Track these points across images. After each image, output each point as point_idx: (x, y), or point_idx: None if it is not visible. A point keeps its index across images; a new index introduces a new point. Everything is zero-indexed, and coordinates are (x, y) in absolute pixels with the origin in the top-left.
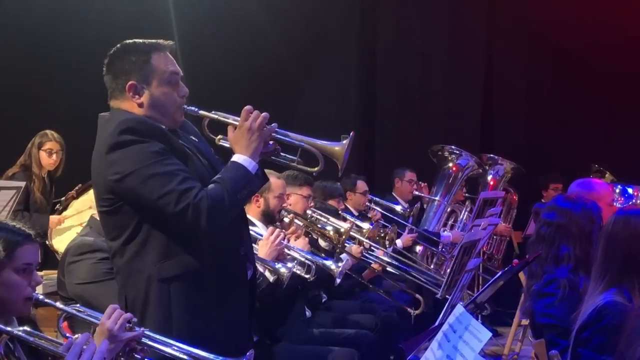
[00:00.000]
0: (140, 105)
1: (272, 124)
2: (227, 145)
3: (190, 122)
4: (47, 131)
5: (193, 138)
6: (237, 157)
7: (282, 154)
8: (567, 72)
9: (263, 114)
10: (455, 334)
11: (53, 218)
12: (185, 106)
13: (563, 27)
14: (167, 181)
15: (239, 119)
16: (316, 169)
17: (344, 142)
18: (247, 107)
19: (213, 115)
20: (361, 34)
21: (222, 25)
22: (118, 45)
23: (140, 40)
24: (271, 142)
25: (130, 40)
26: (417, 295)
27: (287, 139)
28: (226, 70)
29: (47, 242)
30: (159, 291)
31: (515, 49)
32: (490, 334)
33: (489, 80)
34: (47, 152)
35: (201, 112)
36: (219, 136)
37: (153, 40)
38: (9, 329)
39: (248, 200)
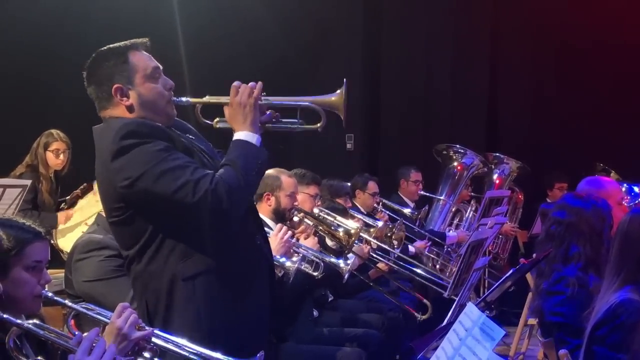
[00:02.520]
0: (130, 107)
1: (257, 84)
2: (226, 126)
3: (183, 121)
4: (53, 131)
5: (190, 137)
6: (238, 135)
7: (282, 119)
8: (572, 71)
9: (250, 84)
10: (468, 332)
11: (61, 214)
12: (175, 98)
13: (568, 26)
14: (180, 174)
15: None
16: (319, 124)
17: (339, 90)
18: (235, 82)
19: (205, 99)
20: (366, 35)
21: (227, 26)
22: (93, 55)
23: (114, 44)
24: (268, 112)
25: (104, 47)
26: (425, 300)
27: (283, 102)
28: (231, 71)
29: (52, 242)
30: (185, 290)
31: (520, 48)
32: (503, 332)
33: (494, 80)
34: (54, 153)
35: (192, 100)
36: (216, 119)
37: (127, 41)
38: (19, 321)
39: (263, 172)
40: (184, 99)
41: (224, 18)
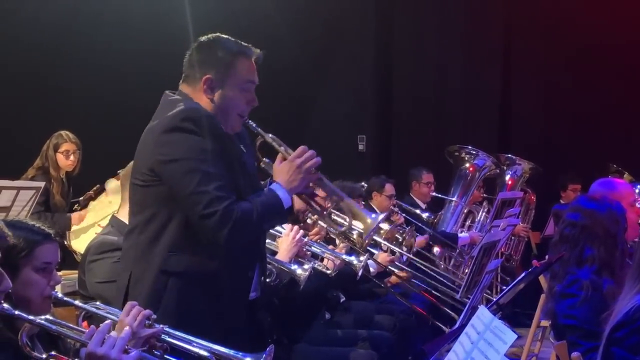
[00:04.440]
0: (211, 101)
1: (318, 172)
2: (268, 170)
3: (245, 132)
4: (62, 132)
5: (242, 148)
6: (277, 188)
7: (312, 202)
8: (585, 71)
9: (316, 158)
10: (479, 335)
11: (74, 215)
12: (246, 118)
13: (580, 25)
14: (206, 181)
15: (291, 151)
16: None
17: (379, 217)
18: (303, 146)
19: (268, 137)
20: (377, 35)
21: (238, 26)
22: (210, 36)
23: (234, 40)
24: (310, 187)
25: (225, 36)
26: (452, 314)
27: (328, 189)
28: None
29: (65, 243)
30: (158, 282)
31: (532, 48)
32: (515, 336)
33: (506, 80)
34: (64, 154)
35: (259, 130)
36: (265, 159)
37: (244, 44)
38: (31, 317)
39: (269, 229)
40: (253, 124)
41: (235, 18)
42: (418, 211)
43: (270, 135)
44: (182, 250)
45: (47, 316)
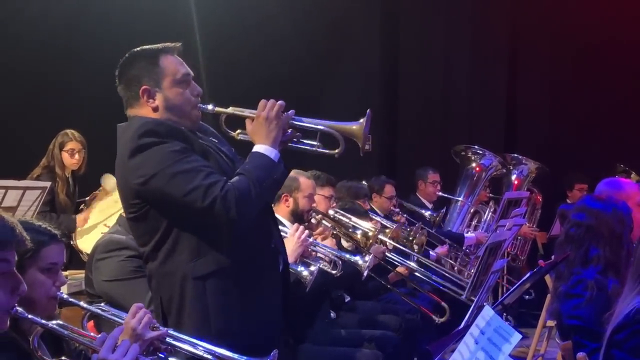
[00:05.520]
0: (156, 109)
1: (289, 111)
2: (247, 138)
3: (207, 125)
4: (68, 131)
5: (213, 139)
6: (258, 147)
7: (302, 140)
8: (591, 71)
9: (279, 102)
10: (484, 336)
11: (79, 217)
12: (201, 105)
13: (587, 25)
14: (192, 178)
15: (254, 111)
16: (337, 151)
17: (362, 120)
18: (263, 99)
19: (229, 110)
20: (383, 35)
21: (244, 26)
22: (126, 55)
23: (147, 46)
24: (290, 130)
25: (138, 48)
26: (443, 303)
27: (305, 124)
28: (248, 71)
29: (71, 243)
30: (195, 289)
31: (539, 48)
32: (520, 336)
33: (512, 80)
34: (69, 153)
35: (217, 108)
36: (238, 130)
37: (160, 44)
38: (43, 321)
39: (276, 188)
40: (209, 106)
41: (241, 18)
42: (427, 213)
43: (230, 108)
44: (203, 253)
45: (59, 321)
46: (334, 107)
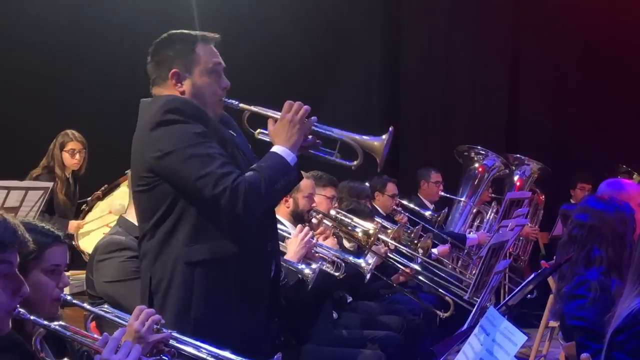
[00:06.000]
0: (182, 93)
1: (312, 117)
2: (266, 138)
3: (230, 117)
4: (68, 131)
5: (232, 132)
6: (276, 148)
7: (321, 147)
8: (594, 70)
9: (304, 106)
10: (489, 337)
11: (72, 223)
12: (225, 99)
13: (590, 25)
14: (207, 163)
15: (278, 113)
16: (355, 163)
17: (384, 137)
18: (289, 101)
19: (253, 108)
20: (385, 35)
21: (246, 28)
22: (165, 35)
23: (187, 31)
24: (310, 136)
25: (177, 31)
26: (447, 298)
27: (327, 132)
28: (250, 73)
29: (73, 243)
30: (184, 274)
31: (541, 48)
32: (525, 337)
33: (515, 80)
34: (70, 153)
35: (241, 105)
36: (258, 130)
37: (199, 32)
38: (46, 322)
39: (286, 191)
40: (234, 101)
41: (243, 19)
42: (427, 213)
43: (253, 106)
44: (201, 240)
45: (61, 322)
46: (336, 107)
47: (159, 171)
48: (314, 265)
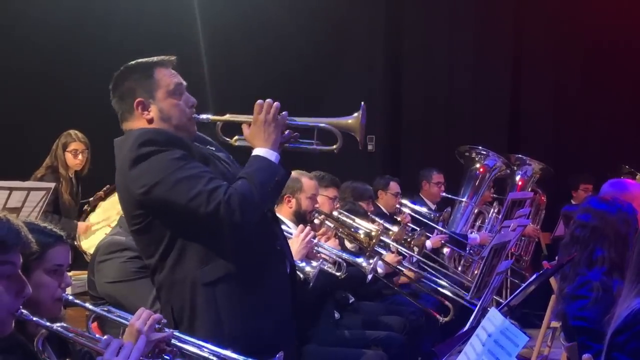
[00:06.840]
0: (150, 120)
1: (284, 112)
2: (245, 144)
3: (204, 135)
4: (71, 131)
5: (210, 148)
6: (258, 151)
7: (299, 139)
8: (596, 71)
9: (275, 103)
10: (490, 337)
11: (81, 225)
12: (196, 115)
13: (592, 26)
14: (195, 184)
15: (250, 116)
16: (335, 146)
17: (356, 114)
18: (259, 101)
19: (226, 117)
20: (387, 35)
21: (248, 28)
22: (121, 68)
23: (142, 59)
24: (287, 131)
25: (132, 62)
26: (447, 302)
27: (301, 123)
28: (252, 73)
29: (75, 243)
30: (205, 295)
31: (543, 48)
32: (527, 338)
33: (517, 80)
34: (73, 153)
35: (212, 117)
36: (235, 137)
37: (155, 58)
38: (48, 324)
39: (279, 190)
40: (204, 116)
41: (245, 20)
42: (424, 209)
43: (225, 116)
44: (211, 260)
45: (63, 323)
46: (338, 107)
47: (150, 205)
48: (314, 263)
